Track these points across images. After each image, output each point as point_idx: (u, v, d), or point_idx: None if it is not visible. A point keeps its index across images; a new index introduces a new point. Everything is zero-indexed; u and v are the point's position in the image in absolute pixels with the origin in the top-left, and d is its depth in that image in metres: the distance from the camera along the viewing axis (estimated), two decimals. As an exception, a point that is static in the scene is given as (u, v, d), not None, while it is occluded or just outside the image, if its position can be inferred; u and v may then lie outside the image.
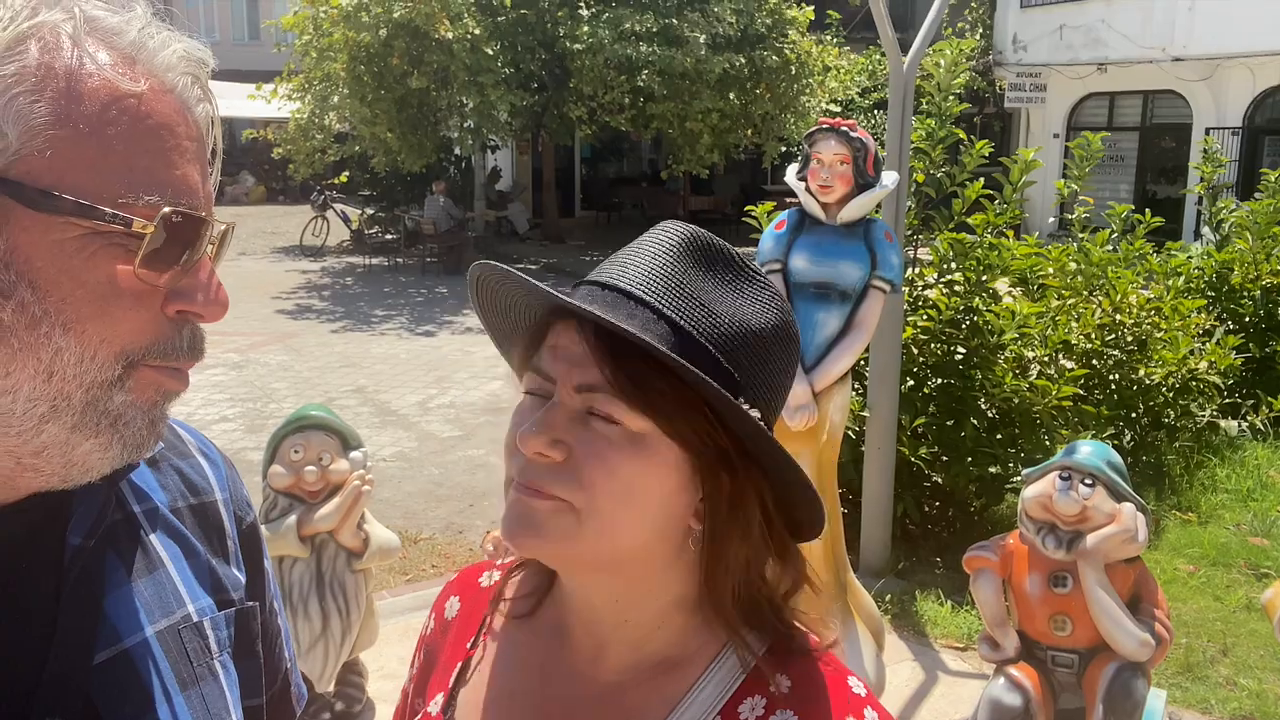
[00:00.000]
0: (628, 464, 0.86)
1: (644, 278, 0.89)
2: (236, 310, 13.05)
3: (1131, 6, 18.81)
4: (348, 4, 14.72)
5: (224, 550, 0.98)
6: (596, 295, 0.89)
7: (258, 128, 20.60)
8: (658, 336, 0.85)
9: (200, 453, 1.02)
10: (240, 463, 6.81)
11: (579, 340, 0.87)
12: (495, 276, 0.94)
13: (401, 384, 9.77)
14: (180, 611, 0.89)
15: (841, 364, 3.71)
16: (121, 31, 0.77)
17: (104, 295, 0.74)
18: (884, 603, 4.65)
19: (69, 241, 0.73)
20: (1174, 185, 18.88)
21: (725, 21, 16.56)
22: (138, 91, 0.75)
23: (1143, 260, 6.92)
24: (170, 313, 0.79)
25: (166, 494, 0.94)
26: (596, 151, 26.34)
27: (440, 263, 17.53)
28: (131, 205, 0.74)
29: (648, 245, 0.92)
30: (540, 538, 0.88)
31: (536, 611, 1.03)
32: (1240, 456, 6.63)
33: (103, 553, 0.85)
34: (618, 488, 0.87)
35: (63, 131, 0.72)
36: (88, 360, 0.75)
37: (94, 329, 0.74)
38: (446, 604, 1.12)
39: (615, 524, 0.88)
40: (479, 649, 1.05)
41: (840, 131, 3.68)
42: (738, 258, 0.94)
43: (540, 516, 0.88)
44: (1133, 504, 3.14)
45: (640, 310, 0.87)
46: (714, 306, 0.89)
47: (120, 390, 0.77)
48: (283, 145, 17.94)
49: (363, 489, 3.58)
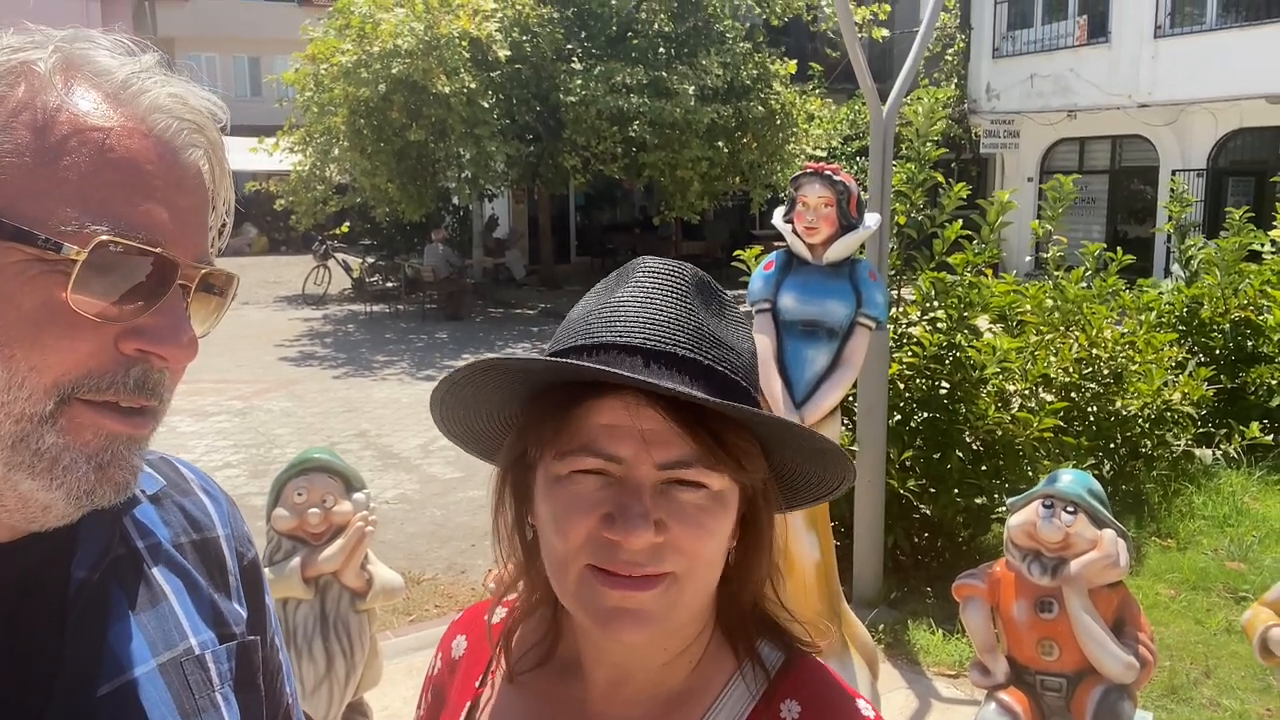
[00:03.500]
0: (717, 523, 0.86)
1: (675, 333, 0.85)
2: (240, 358, 13.09)
3: (1098, 56, 19.03)
4: (348, 60, 14.82)
5: (225, 585, 0.97)
6: (624, 361, 0.83)
7: (260, 180, 20.70)
8: (719, 390, 0.84)
9: (202, 489, 1.01)
10: (244, 507, 6.69)
11: (657, 417, 0.83)
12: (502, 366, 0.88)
13: (403, 427, 9.74)
14: (183, 644, 0.88)
15: (831, 398, 3.72)
16: (109, 72, 0.77)
17: (36, 321, 0.72)
18: (877, 632, 4.62)
19: (9, 266, 0.72)
20: (1144, 225, 19.01)
21: (712, 74, 16.73)
22: (104, 126, 0.75)
23: (1116, 296, 6.95)
24: (129, 350, 0.76)
25: (169, 530, 0.94)
26: (590, 199, 26.44)
27: (440, 309, 17.53)
28: (73, 234, 0.72)
29: (656, 294, 0.88)
30: (649, 625, 0.86)
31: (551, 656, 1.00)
32: (1216, 484, 6.63)
33: (107, 586, 0.84)
34: (713, 548, 0.87)
35: (17, 160, 0.72)
36: (15, 388, 0.72)
37: (23, 355, 0.72)
38: (453, 643, 1.10)
39: (708, 581, 0.88)
40: (487, 688, 1.02)
41: (824, 175, 3.71)
42: (718, 287, 0.93)
43: (650, 606, 0.85)
44: (1113, 530, 3.13)
45: (688, 368, 0.84)
46: (731, 343, 0.88)
47: (51, 429, 0.74)
48: (285, 197, 18.02)
49: (366, 530, 3.55)
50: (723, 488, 0.86)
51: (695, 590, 0.87)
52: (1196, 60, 17.20)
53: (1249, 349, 7.63)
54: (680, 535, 0.84)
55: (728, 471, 0.85)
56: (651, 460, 0.83)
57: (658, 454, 0.83)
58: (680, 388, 0.81)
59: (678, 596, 0.85)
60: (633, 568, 0.83)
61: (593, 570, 0.85)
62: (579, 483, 0.85)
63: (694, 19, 17.88)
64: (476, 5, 15.36)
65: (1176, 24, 18.11)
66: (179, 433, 9.23)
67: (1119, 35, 18.64)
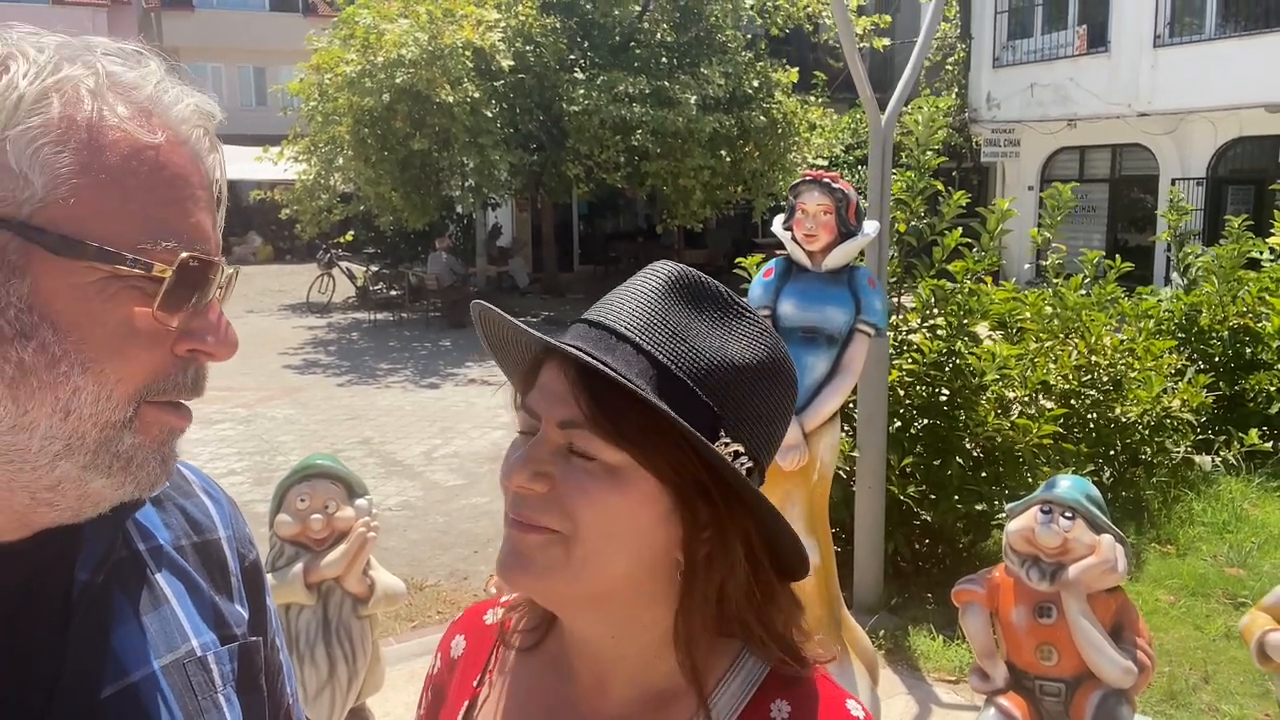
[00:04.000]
0: (607, 496, 0.86)
1: (628, 315, 0.89)
2: (244, 366, 13.08)
3: (1098, 65, 19.05)
4: (352, 70, 14.85)
5: (227, 587, 0.97)
6: (583, 333, 0.89)
7: (265, 189, 20.76)
8: (637, 371, 0.85)
9: (204, 491, 1.02)
10: (248, 514, 6.69)
11: (561, 378, 0.87)
12: (492, 315, 0.94)
13: (406, 435, 9.75)
14: (185, 646, 0.89)
15: (830, 404, 3.72)
16: (139, 86, 0.78)
17: (122, 336, 0.75)
18: (878, 638, 4.61)
19: (90, 285, 0.74)
20: (1143, 234, 19.01)
21: (715, 83, 16.75)
22: (156, 143, 0.77)
23: (1115, 304, 6.95)
24: (181, 351, 0.80)
25: (170, 532, 0.94)
26: (593, 208, 26.49)
27: (443, 317, 17.54)
28: (150, 250, 0.75)
29: (636, 285, 0.92)
30: (530, 573, 0.88)
31: (540, 646, 1.02)
32: (1215, 490, 6.62)
33: (109, 589, 0.85)
34: (599, 518, 0.86)
35: (85, 180, 0.73)
36: (104, 400, 0.75)
37: (111, 369, 0.75)
38: (452, 643, 1.11)
39: (600, 554, 0.87)
40: (485, 686, 1.03)
41: (823, 183, 3.72)
42: (727, 295, 0.92)
43: (530, 552, 0.87)
44: (1111, 535, 3.13)
45: (621, 346, 0.86)
46: (696, 341, 0.88)
47: (129, 431, 0.78)
48: (289, 206, 18.07)
49: (368, 536, 3.55)
50: (618, 463, 0.86)
51: (586, 561, 0.87)
52: (1196, 69, 17.22)
53: (1248, 356, 7.62)
54: (564, 493, 0.86)
55: (620, 446, 0.85)
56: (553, 419, 0.88)
57: (556, 412, 0.87)
58: (584, 351, 0.85)
59: (564, 557, 0.87)
60: (518, 510, 0.88)
61: (508, 517, 0.90)
62: (516, 440, 0.92)
63: (696, 29, 17.94)
64: (480, 16, 15.40)
65: (1175, 33, 18.13)
66: (184, 440, 9.19)
67: (1118, 45, 18.66)
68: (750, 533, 0.90)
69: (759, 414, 0.90)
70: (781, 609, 0.94)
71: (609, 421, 0.85)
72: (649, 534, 0.88)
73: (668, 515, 0.88)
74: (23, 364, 0.73)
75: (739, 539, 0.89)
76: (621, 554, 0.88)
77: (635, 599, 0.92)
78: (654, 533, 0.88)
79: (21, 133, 0.72)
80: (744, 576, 0.90)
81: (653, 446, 0.85)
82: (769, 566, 0.92)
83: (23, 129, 0.72)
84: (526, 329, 0.90)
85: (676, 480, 0.87)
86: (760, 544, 0.91)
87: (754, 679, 0.93)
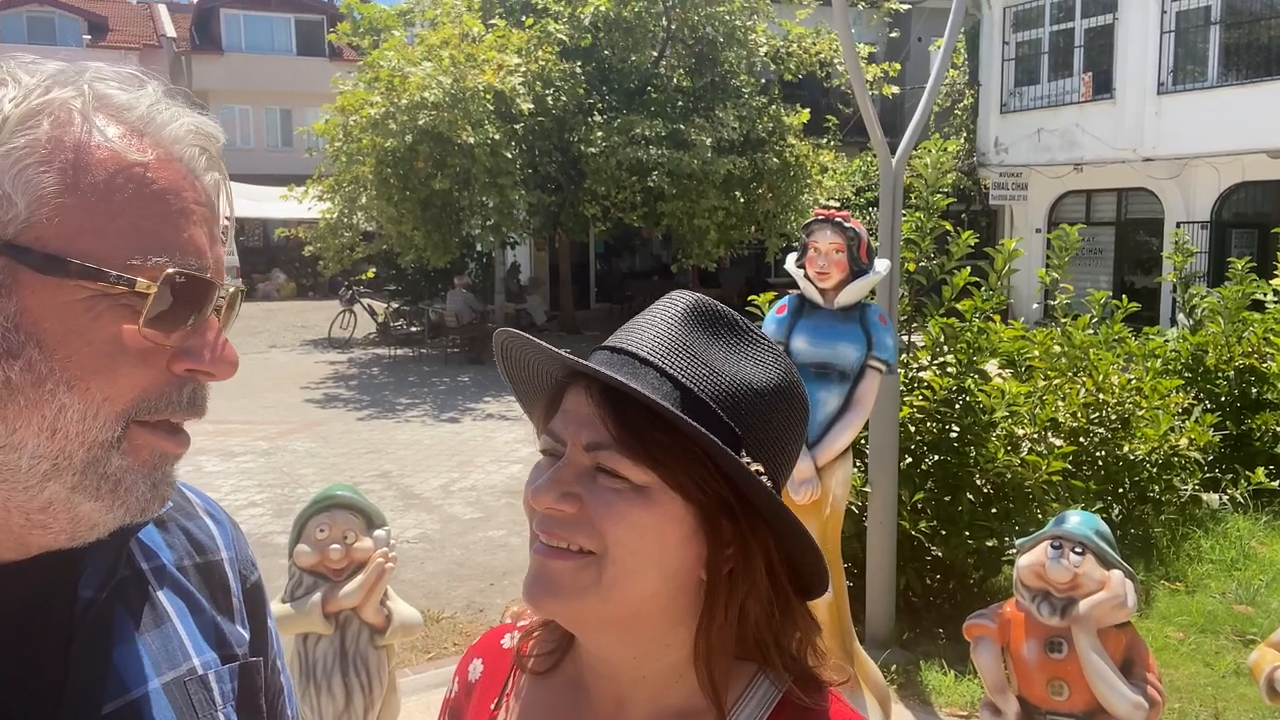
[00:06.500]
0: (636, 513, 0.86)
1: (650, 341, 0.90)
2: (266, 400, 13.14)
3: (1103, 112, 19.09)
4: (376, 112, 14.99)
5: (228, 607, 0.97)
6: (606, 359, 0.90)
7: (290, 227, 20.90)
8: (661, 394, 0.85)
9: (206, 513, 1.01)
10: (267, 546, 6.78)
11: (587, 401, 0.88)
12: (518, 343, 0.95)
13: (425, 468, 9.74)
14: (186, 665, 0.88)
15: (843, 439, 3.71)
16: (131, 107, 0.78)
17: (109, 353, 0.74)
18: (889, 672, 4.56)
19: (77, 303, 0.73)
20: (1149, 276, 18.95)
21: (729, 127, 16.88)
22: (144, 160, 0.76)
23: (1122, 343, 6.93)
24: (180, 371, 0.79)
25: (173, 553, 0.94)
26: (610, 247, 26.57)
27: (462, 353, 17.57)
28: (138, 267, 0.74)
29: (656, 312, 0.94)
30: (559, 597, 0.88)
31: (557, 669, 1.01)
32: (1223, 528, 6.56)
33: (112, 607, 0.84)
34: (628, 535, 0.86)
35: (70, 199, 0.73)
36: (90, 418, 0.74)
37: (97, 386, 0.74)
38: (470, 666, 1.10)
39: (630, 573, 0.87)
40: (502, 710, 1.03)
41: (835, 222, 3.72)
42: (742, 322, 0.94)
43: (560, 577, 0.87)
44: (1121, 571, 3.10)
45: (645, 370, 0.87)
46: (716, 365, 0.89)
47: (117, 452, 0.77)
48: (313, 243, 18.16)
49: (386, 566, 3.54)
50: (646, 483, 0.86)
51: (616, 580, 0.86)
52: (1199, 116, 17.24)
53: (1254, 396, 7.58)
54: (593, 512, 0.86)
55: (647, 466, 0.85)
56: (580, 442, 0.88)
57: (583, 435, 0.88)
58: (608, 372, 0.86)
59: (595, 577, 0.86)
60: (547, 529, 0.88)
61: (535, 539, 0.90)
62: (540, 463, 0.93)
63: (711, 74, 18.08)
64: (501, 61, 15.55)
65: (1179, 81, 18.18)
66: (205, 472, 9.25)
67: (1123, 92, 18.71)
68: (771, 549, 0.90)
69: (776, 435, 0.91)
70: (799, 629, 0.94)
71: (636, 442, 0.85)
72: (676, 551, 0.88)
73: (693, 533, 0.88)
74: (9, 382, 0.72)
75: (761, 556, 0.90)
76: (650, 572, 0.88)
77: (660, 619, 0.91)
78: (680, 550, 0.88)
79: (5, 154, 0.72)
80: (765, 594, 0.90)
81: (678, 466, 0.86)
82: (788, 583, 0.92)
83: (6, 150, 0.72)
84: (558, 352, 0.90)
85: (701, 498, 0.87)
86: (780, 560, 0.91)
87: (769, 703, 0.92)
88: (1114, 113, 18.83)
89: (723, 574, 0.89)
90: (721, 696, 0.90)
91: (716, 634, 0.90)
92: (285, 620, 3.35)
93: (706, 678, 0.90)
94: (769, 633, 0.92)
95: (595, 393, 0.88)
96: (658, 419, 0.85)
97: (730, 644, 0.91)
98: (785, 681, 0.93)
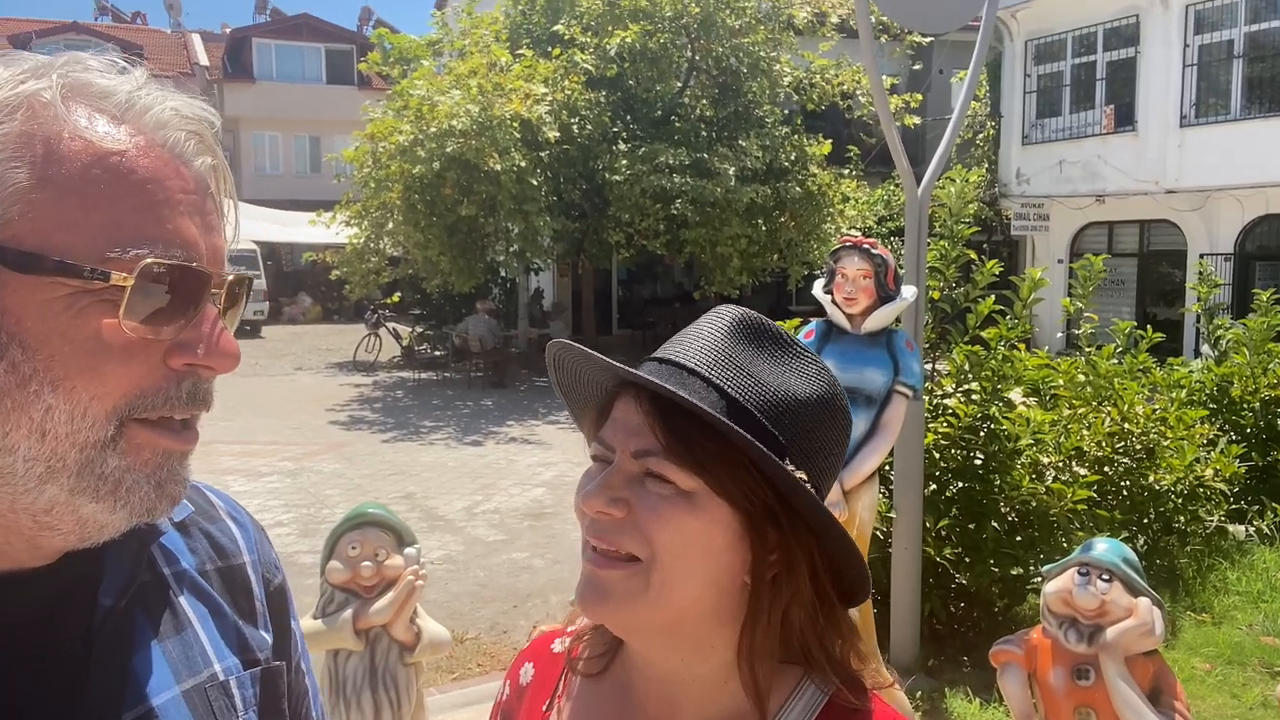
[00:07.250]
0: (683, 518, 0.88)
1: (697, 352, 0.92)
2: (292, 421, 13.21)
3: (1125, 143, 19.07)
4: (405, 139, 15.14)
5: (251, 612, 0.95)
6: (654, 370, 0.93)
7: (317, 252, 21.06)
8: (708, 403, 0.87)
9: (229, 516, 0.99)
10: (293, 566, 6.80)
11: (636, 410, 0.91)
12: (571, 355, 0.97)
13: (449, 490, 9.76)
14: (207, 671, 0.87)
15: (870, 463, 3.71)
16: (110, 94, 0.75)
17: (92, 351, 0.72)
18: (915, 699, 4.53)
19: (57, 300, 0.71)
20: (1173, 307, 18.86)
21: (752, 155, 16.94)
22: (121, 149, 0.73)
23: (1146, 373, 6.89)
24: (177, 365, 0.76)
25: (195, 557, 0.92)
26: (632, 274, 26.67)
27: (486, 377, 17.64)
28: (115, 260, 0.71)
29: (703, 325, 0.96)
30: (609, 603, 0.89)
31: (606, 672, 1.02)
32: (1249, 560, 6.49)
33: (133, 614, 0.83)
34: (675, 539, 0.88)
35: (43, 194, 0.70)
36: (78, 419, 0.72)
37: (83, 385, 0.72)
38: (521, 670, 1.12)
39: (677, 577, 0.88)
40: (554, 712, 1.04)
41: (863, 249, 3.75)
42: (785, 335, 0.96)
43: (610, 585, 0.89)
44: (1148, 598, 3.08)
45: (692, 380, 0.90)
46: (761, 376, 0.91)
47: (114, 452, 0.74)
48: (340, 268, 18.31)
49: (416, 584, 3.56)
50: (692, 489, 0.88)
51: (666, 585, 0.88)
52: (1222, 148, 17.20)
53: (1279, 428, 7.52)
54: (641, 517, 0.88)
55: (694, 472, 0.87)
56: (629, 449, 0.90)
57: (632, 442, 0.90)
58: (657, 381, 0.88)
59: (644, 583, 0.88)
60: (596, 533, 0.90)
61: (587, 545, 0.92)
62: (590, 469, 0.95)
63: (735, 104, 18.16)
64: (528, 90, 15.68)
65: (1201, 114, 18.14)
66: (232, 491, 9.16)
67: (1145, 124, 18.69)
68: (814, 555, 0.92)
69: (820, 444, 0.93)
70: (841, 634, 0.95)
71: (684, 448, 0.87)
72: (722, 556, 0.90)
73: (738, 539, 0.90)
74: None
75: (804, 561, 0.92)
76: (696, 576, 0.89)
77: (704, 622, 0.93)
78: (726, 555, 0.90)
79: None
80: (809, 599, 0.92)
81: (725, 473, 0.88)
82: (831, 589, 0.94)
83: None
84: (610, 362, 0.93)
85: (747, 505, 0.89)
86: (824, 566, 0.93)
87: (814, 706, 0.94)
88: (1136, 145, 18.81)
89: (767, 579, 0.91)
90: (765, 699, 0.92)
91: (760, 638, 0.91)
92: (316, 636, 3.37)
93: (750, 680, 0.92)
94: (813, 637, 0.93)
95: (644, 401, 0.90)
96: (705, 427, 0.87)
97: (774, 648, 0.92)
98: (831, 685, 0.94)
